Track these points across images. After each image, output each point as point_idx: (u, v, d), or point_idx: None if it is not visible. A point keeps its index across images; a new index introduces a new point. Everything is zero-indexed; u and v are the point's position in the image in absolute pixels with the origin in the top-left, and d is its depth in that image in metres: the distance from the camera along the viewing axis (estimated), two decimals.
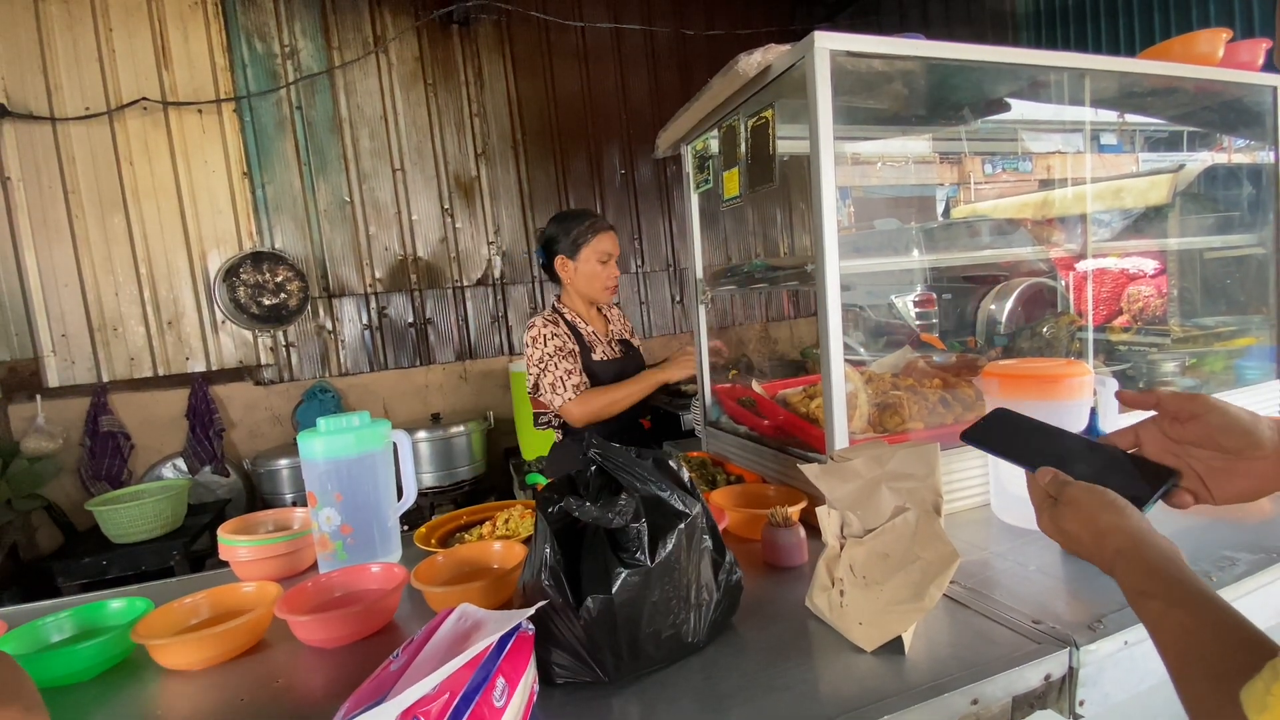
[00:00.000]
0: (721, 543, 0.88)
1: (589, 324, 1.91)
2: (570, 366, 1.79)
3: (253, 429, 3.29)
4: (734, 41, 4.01)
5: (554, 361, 1.78)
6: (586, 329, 1.89)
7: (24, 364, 2.87)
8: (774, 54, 1.16)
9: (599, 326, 1.95)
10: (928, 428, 1.26)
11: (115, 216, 2.98)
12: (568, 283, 1.90)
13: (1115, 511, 0.62)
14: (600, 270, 1.86)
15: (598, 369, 1.84)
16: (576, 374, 1.79)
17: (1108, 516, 0.62)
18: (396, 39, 3.42)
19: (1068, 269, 2.03)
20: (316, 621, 0.92)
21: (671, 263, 4.06)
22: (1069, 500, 0.65)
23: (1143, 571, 0.57)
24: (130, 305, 3.02)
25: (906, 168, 2.33)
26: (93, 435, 2.96)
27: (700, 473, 1.46)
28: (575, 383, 1.78)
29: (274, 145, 3.23)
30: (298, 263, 3.26)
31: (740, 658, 0.82)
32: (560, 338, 1.81)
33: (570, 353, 1.81)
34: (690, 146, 1.68)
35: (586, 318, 1.92)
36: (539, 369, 1.79)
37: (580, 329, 1.88)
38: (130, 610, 1.00)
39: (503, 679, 0.64)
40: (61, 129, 2.88)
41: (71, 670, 0.88)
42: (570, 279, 1.89)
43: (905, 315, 2.53)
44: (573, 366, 1.79)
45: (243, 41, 3.17)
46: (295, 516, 1.33)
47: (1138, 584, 0.57)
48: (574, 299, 1.92)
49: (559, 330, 1.82)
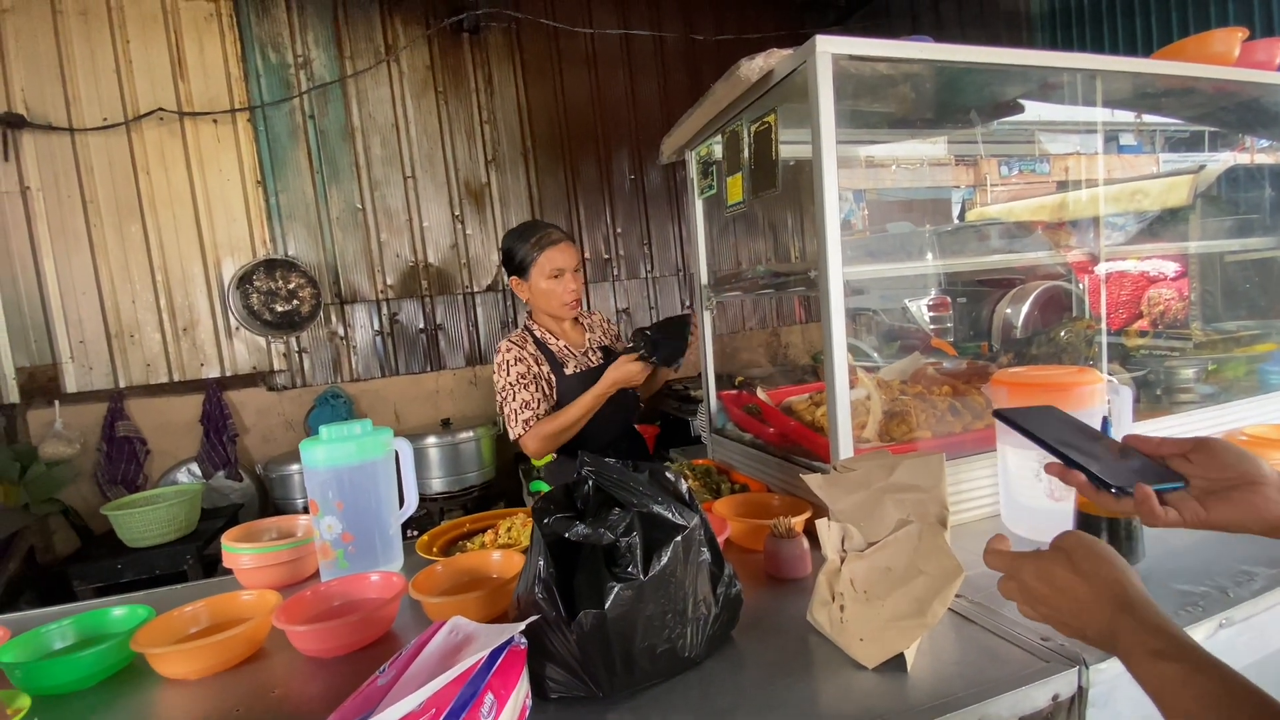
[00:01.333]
0: (720, 555, 0.86)
1: (560, 338, 1.80)
2: (527, 397, 1.69)
3: (265, 434, 3.32)
4: (743, 46, 3.99)
5: (513, 392, 1.70)
6: (558, 344, 1.79)
7: (43, 370, 2.92)
8: (776, 59, 1.15)
9: (573, 338, 1.85)
10: (936, 436, 1.24)
11: (132, 225, 3.03)
12: (527, 302, 1.81)
13: (1114, 564, 0.58)
14: (554, 286, 1.72)
15: (573, 384, 1.73)
16: (533, 404, 1.69)
17: (1107, 569, 0.57)
18: (408, 47, 3.45)
19: (1085, 272, 1.98)
20: (313, 631, 0.92)
21: (681, 267, 4.04)
22: (1057, 547, 0.61)
23: (1153, 629, 0.52)
24: (147, 312, 3.07)
25: (921, 170, 2.29)
26: (109, 440, 3.01)
27: (705, 481, 1.44)
28: (527, 417, 1.69)
29: (287, 154, 3.27)
30: (310, 270, 3.29)
31: (738, 673, 0.80)
32: (525, 362, 1.72)
33: (533, 379, 1.71)
34: (694, 152, 1.67)
35: (557, 332, 1.82)
36: (502, 397, 1.72)
37: (550, 345, 1.78)
38: (131, 618, 1.01)
39: (491, 695, 0.63)
40: (80, 139, 2.94)
41: (72, 678, 0.88)
42: (528, 299, 1.79)
43: (919, 319, 2.49)
44: (530, 397, 1.69)
45: (257, 52, 3.22)
46: (299, 524, 1.34)
47: (1150, 643, 0.52)
48: (541, 315, 1.81)
49: (525, 353, 1.73)
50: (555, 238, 1.75)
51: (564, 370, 1.76)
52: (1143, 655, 0.52)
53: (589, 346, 1.85)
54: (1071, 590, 0.58)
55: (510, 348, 1.74)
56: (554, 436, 1.67)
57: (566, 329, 1.85)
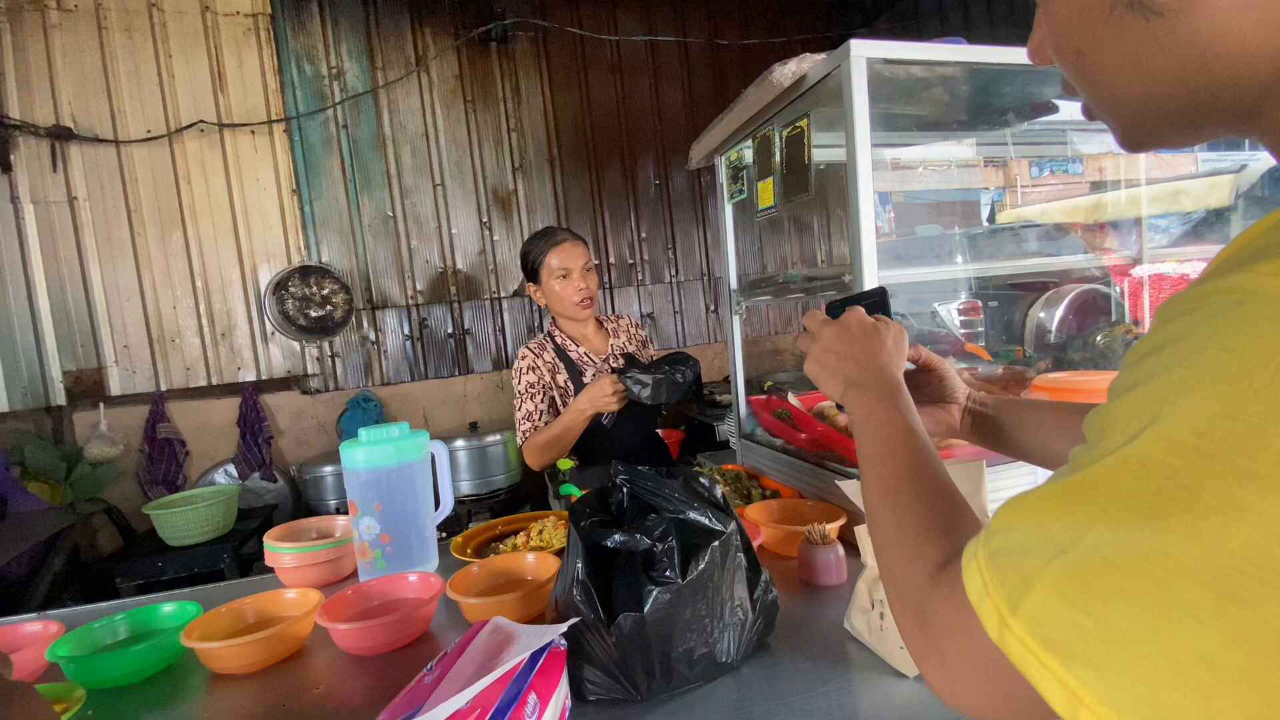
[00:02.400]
0: (756, 561, 0.86)
1: (580, 344, 1.80)
2: (531, 408, 1.72)
3: (299, 437, 3.39)
4: (768, 50, 3.99)
5: (521, 400, 1.73)
6: (578, 351, 1.78)
7: (89, 373, 3.03)
8: (809, 63, 1.15)
9: (595, 344, 1.83)
10: (972, 444, 1.22)
11: (174, 233, 3.13)
12: (546, 307, 1.82)
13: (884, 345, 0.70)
14: (563, 287, 1.73)
15: None
16: (534, 415, 1.71)
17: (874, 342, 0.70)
18: (437, 58, 3.51)
19: (1123, 275, 1.94)
20: (356, 630, 0.93)
21: (706, 271, 4.04)
22: (844, 322, 0.73)
23: (898, 390, 0.65)
24: (187, 318, 3.16)
25: (949, 172, 2.26)
26: (151, 442, 3.10)
27: (735, 486, 1.44)
28: (526, 427, 1.71)
29: (321, 163, 3.35)
30: (343, 276, 3.36)
31: (776, 679, 0.80)
32: (537, 370, 1.73)
33: (541, 389, 1.73)
34: (724, 157, 1.67)
35: (579, 337, 1.81)
36: (518, 401, 1.75)
37: (570, 353, 1.78)
38: (181, 614, 1.04)
39: (534, 695, 0.64)
40: (125, 151, 3.04)
41: (124, 672, 0.91)
42: (546, 304, 1.80)
43: (949, 324, 2.46)
44: (534, 407, 1.72)
45: (293, 64, 3.30)
46: (337, 524, 1.36)
47: (890, 395, 0.64)
48: (561, 319, 1.82)
49: (540, 361, 1.74)
50: (559, 238, 1.75)
51: (582, 378, 1.75)
52: (876, 395, 0.64)
53: (611, 353, 1.83)
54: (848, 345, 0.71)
55: (526, 355, 1.76)
56: (543, 448, 1.68)
57: (589, 334, 1.83)
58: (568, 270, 1.73)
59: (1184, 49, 0.34)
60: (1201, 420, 0.28)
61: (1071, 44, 0.41)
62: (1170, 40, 0.35)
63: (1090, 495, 0.31)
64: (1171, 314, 0.32)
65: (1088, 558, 0.30)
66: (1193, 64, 0.35)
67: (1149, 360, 0.31)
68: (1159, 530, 0.28)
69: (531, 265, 1.78)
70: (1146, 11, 0.35)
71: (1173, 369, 0.30)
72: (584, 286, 1.74)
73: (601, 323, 1.89)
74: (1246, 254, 0.30)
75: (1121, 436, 0.31)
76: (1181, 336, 0.30)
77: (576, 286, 1.73)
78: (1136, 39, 0.36)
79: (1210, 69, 0.34)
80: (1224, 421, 0.27)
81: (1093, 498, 0.31)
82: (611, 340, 1.86)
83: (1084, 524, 0.31)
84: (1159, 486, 0.28)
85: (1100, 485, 0.31)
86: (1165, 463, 0.28)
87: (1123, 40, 0.37)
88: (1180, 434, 0.28)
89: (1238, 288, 0.29)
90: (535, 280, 1.79)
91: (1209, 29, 0.33)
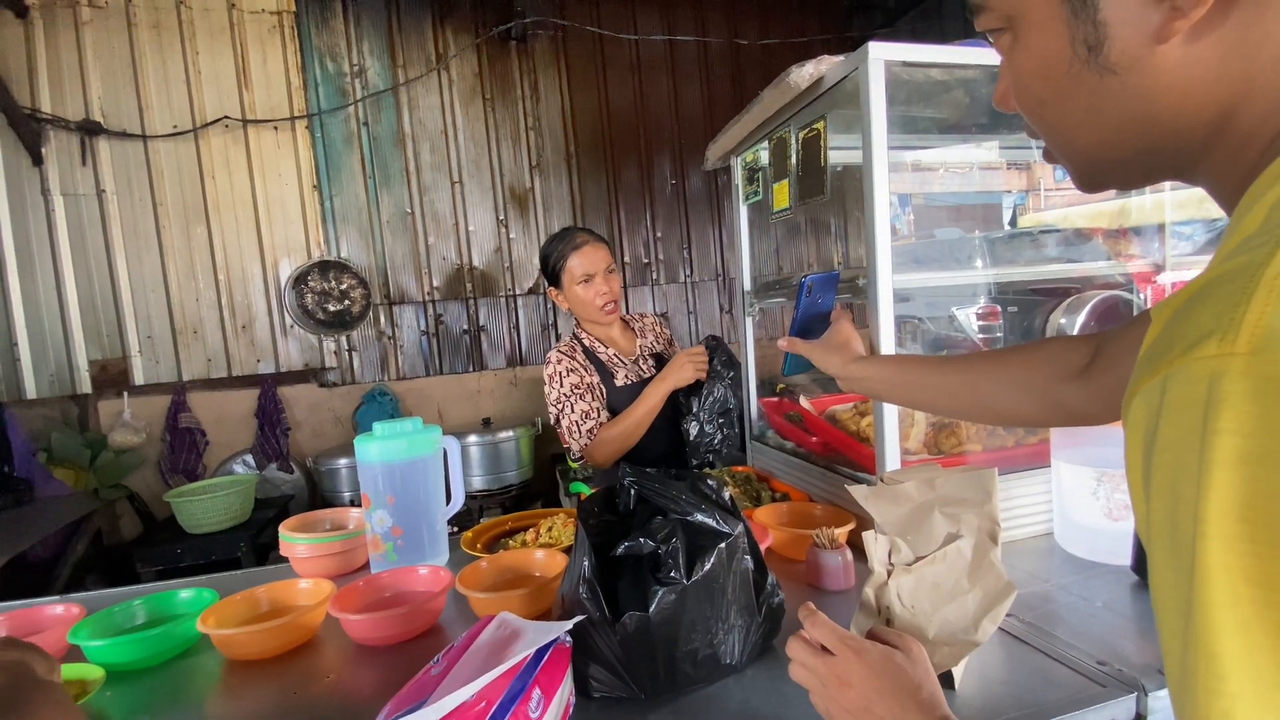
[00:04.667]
0: (764, 564, 0.86)
1: (609, 346, 1.75)
2: (586, 407, 1.64)
3: (316, 429, 3.44)
4: (788, 50, 3.97)
5: (569, 403, 1.65)
6: (607, 352, 1.73)
7: (114, 363, 3.10)
8: (827, 65, 1.15)
9: (623, 346, 1.78)
10: (986, 450, 1.21)
11: (198, 227, 3.18)
12: (569, 312, 1.78)
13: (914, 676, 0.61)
14: (586, 292, 1.67)
15: (624, 396, 1.68)
16: (594, 414, 1.64)
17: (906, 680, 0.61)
18: (457, 56, 3.54)
19: (1146, 282, 1.91)
20: (366, 621, 0.95)
21: (720, 272, 4.03)
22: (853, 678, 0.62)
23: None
24: (209, 310, 3.22)
25: (970, 175, 2.24)
26: (172, 431, 3.17)
27: (744, 488, 1.44)
28: (589, 426, 1.63)
29: (342, 159, 3.39)
30: (361, 271, 3.40)
31: (780, 682, 0.80)
32: (577, 372, 1.67)
33: (589, 388, 1.67)
34: (740, 158, 1.67)
35: (606, 339, 1.76)
36: (557, 409, 1.67)
37: (600, 355, 1.73)
38: (197, 601, 1.06)
39: (539, 690, 0.65)
40: (151, 145, 3.11)
41: (141, 656, 0.94)
42: (569, 309, 1.76)
43: (967, 328, 2.43)
44: (589, 406, 1.64)
45: (315, 62, 3.35)
46: (351, 516, 1.38)
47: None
48: (586, 322, 1.77)
49: (575, 363, 1.68)
50: (580, 241, 1.69)
51: (614, 381, 1.70)
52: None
53: (640, 354, 1.79)
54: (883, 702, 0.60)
55: (560, 358, 1.69)
56: (619, 441, 1.61)
57: (615, 336, 1.78)
58: (590, 274, 1.67)
59: (1134, 103, 0.39)
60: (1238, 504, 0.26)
61: (1034, 95, 0.44)
62: (1122, 95, 0.39)
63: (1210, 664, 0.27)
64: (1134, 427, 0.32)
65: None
66: (1141, 117, 0.39)
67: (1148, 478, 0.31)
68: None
69: (552, 269, 1.72)
70: (1102, 69, 0.39)
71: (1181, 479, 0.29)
72: (607, 290, 1.68)
73: (627, 323, 1.86)
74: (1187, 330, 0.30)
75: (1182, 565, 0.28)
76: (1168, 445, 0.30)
77: (599, 291, 1.67)
78: (1092, 93, 0.40)
79: (1157, 121, 0.38)
80: (1262, 500, 0.26)
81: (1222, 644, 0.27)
82: (639, 340, 1.82)
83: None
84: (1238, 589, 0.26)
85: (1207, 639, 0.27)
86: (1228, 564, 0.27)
87: (1079, 93, 0.41)
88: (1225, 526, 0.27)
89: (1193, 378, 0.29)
90: (556, 284, 1.73)
91: (1155, 86, 0.37)
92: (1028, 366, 0.78)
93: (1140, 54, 0.37)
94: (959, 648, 0.74)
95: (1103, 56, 0.38)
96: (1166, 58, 0.36)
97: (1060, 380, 0.74)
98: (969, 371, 0.85)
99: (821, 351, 1.04)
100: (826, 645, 0.64)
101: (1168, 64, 0.36)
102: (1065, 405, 0.75)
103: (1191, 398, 0.29)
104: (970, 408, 0.87)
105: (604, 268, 1.69)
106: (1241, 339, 0.27)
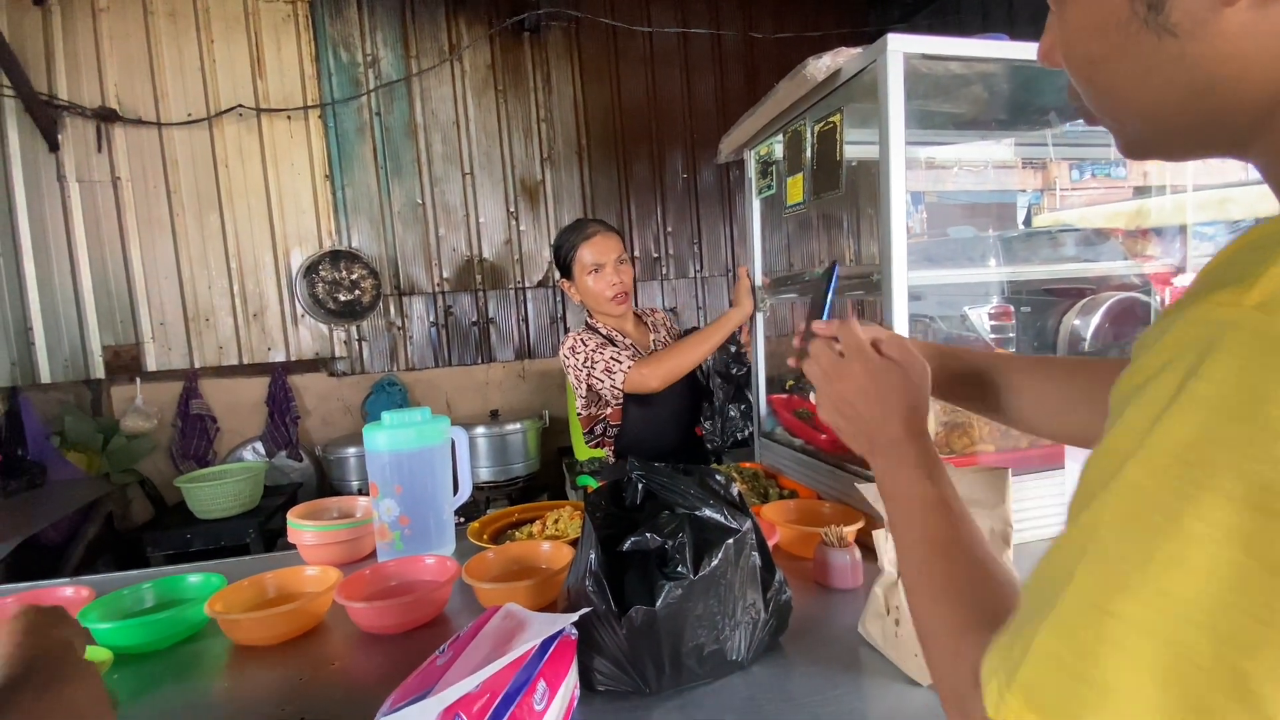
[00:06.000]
0: (771, 561, 0.86)
1: (626, 337, 1.74)
2: (613, 351, 1.64)
3: (325, 417, 3.46)
4: (803, 44, 3.93)
5: (598, 354, 1.64)
6: (624, 341, 1.73)
7: (126, 349, 3.12)
8: (844, 58, 1.13)
9: (638, 339, 1.78)
10: (999, 451, 1.19)
11: (211, 215, 3.20)
12: (582, 305, 1.77)
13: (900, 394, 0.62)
14: (596, 282, 1.66)
15: None
16: (620, 356, 1.63)
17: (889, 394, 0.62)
18: (470, 47, 3.53)
19: (1164, 284, 1.88)
20: (373, 609, 0.95)
21: (730, 267, 4.01)
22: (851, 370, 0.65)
23: (932, 459, 0.58)
24: (221, 298, 3.24)
25: (985, 172, 2.21)
26: (183, 417, 3.19)
27: (752, 485, 1.43)
28: (626, 363, 1.61)
29: (354, 149, 3.40)
30: (372, 261, 3.41)
31: (786, 680, 0.79)
32: (597, 339, 1.68)
33: (615, 343, 1.68)
34: (754, 152, 1.65)
35: (622, 331, 1.75)
36: (586, 370, 1.65)
37: (617, 341, 1.72)
38: (206, 586, 1.07)
39: (544, 682, 0.64)
40: (166, 133, 3.12)
41: (149, 639, 0.94)
42: (582, 301, 1.74)
43: (979, 328, 2.40)
44: (615, 351, 1.64)
45: (329, 51, 3.35)
46: (358, 505, 1.39)
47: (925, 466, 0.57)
48: (598, 314, 1.76)
49: (598, 337, 1.69)
50: (590, 231, 1.68)
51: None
52: (899, 461, 0.59)
53: (653, 348, 1.78)
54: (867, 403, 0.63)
55: (578, 336, 1.69)
56: (673, 362, 1.59)
57: (629, 329, 1.77)
58: (600, 264, 1.66)
59: (1192, 69, 0.36)
60: (1181, 443, 0.28)
61: (1083, 52, 0.42)
62: (1180, 60, 0.36)
63: (1079, 538, 0.31)
64: (1143, 346, 0.33)
65: (1078, 608, 0.30)
66: (1199, 85, 0.36)
67: (1135, 394, 0.32)
68: (1144, 564, 0.28)
69: (563, 260, 1.72)
70: (1160, 30, 0.36)
71: (1153, 404, 0.30)
72: (617, 281, 1.67)
73: (640, 317, 1.85)
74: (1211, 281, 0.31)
75: (1106, 476, 0.31)
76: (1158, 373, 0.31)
77: (610, 281, 1.67)
78: (1148, 55, 0.37)
79: (1214, 91, 0.36)
80: (1205, 445, 0.27)
81: (1081, 540, 0.31)
82: (652, 335, 1.82)
83: (1070, 571, 0.31)
84: (1143, 515, 0.28)
85: (1089, 526, 0.31)
86: (1146, 488, 0.29)
87: (1135, 55, 0.38)
88: (1161, 459, 0.29)
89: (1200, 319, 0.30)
90: (568, 276, 1.73)
91: (1216, 53, 0.34)
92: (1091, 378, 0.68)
93: (1204, 17, 0.34)
94: None
95: (1163, 16, 0.35)
96: (1231, 22, 0.34)
97: None
98: (1050, 379, 0.72)
99: None
100: (844, 348, 0.66)
101: (1232, 29, 0.34)
102: None
103: (1193, 338, 0.29)
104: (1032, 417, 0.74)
105: (614, 258, 1.68)
106: (1254, 292, 0.28)
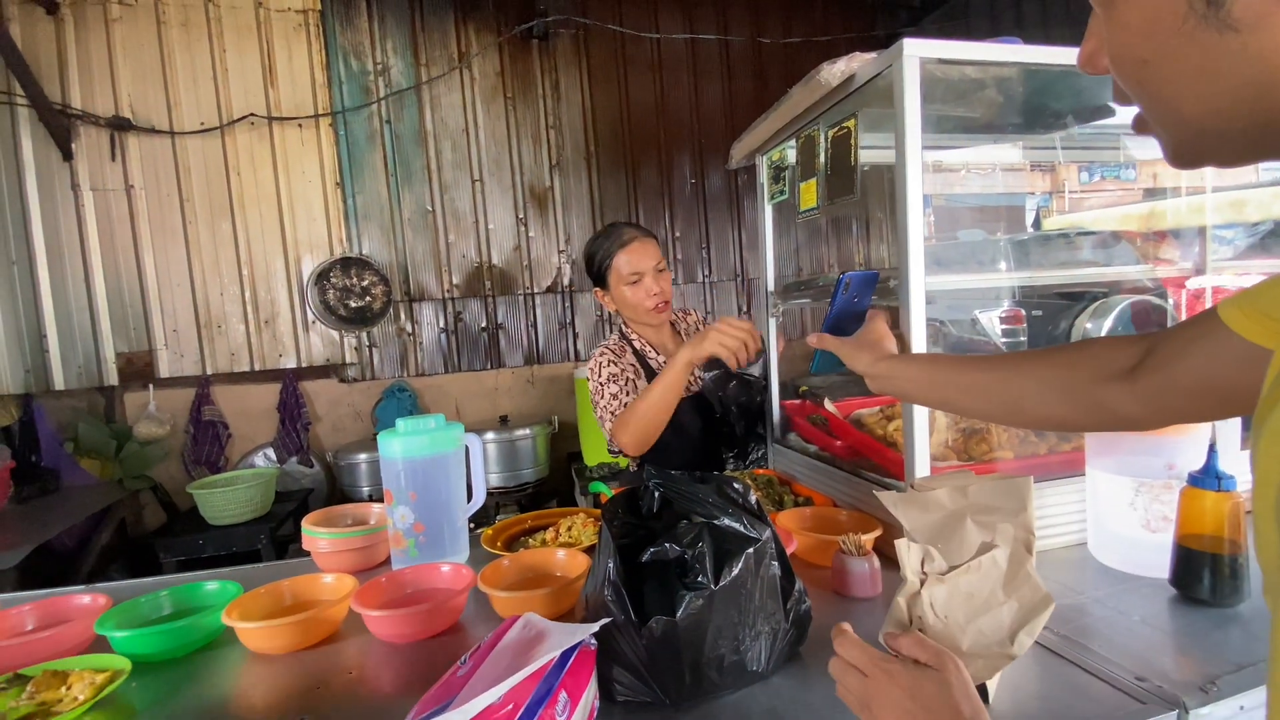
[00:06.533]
0: (791, 570, 0.85)
1: (660, 351, 1.68)
2: (615, 390, 1.58)
3: (336, 424, 3.47)
4: (811, 49, 3.93)
5: (604, 389, 1.59)
6: (657, 359, 1.67)
7: (140, 355, 3.15)
8: (858, 62, 1.13)
9: (672, 350, 1.68)
10: (1018, 457, 1.18)
11: (223, 223, 3.23)
12: (616, 313, 1.69)
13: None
14: (634, 293, 1.59)
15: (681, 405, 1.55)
16: (620, 396, 1.58)
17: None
18: (479, 55, 3.55)
19: (1178, 287, 1.86)
20: (389, 618, 0.95)
21: (739, 273, 4.01)
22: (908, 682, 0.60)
23: None
24: (233, 305, 3.26)
25: (994, 175, 2.20)
26: (196, 423, 3.21)
27: (766, 492, 1.42)
28: (614, 407, 1.56)
29: (364, 157, 3.42)
30: (382, 268, 3.43)
31: (807, 690, 0.78)
32: (619, 364, 1.62)
33: (627, 379, 1.61)
34: (766, 157, 1.65)
35: (656, 343, 1.69)
36: (596, 399, 1.61)
37: (650, 359, 1.66)
38: (222, 593, 1.07)
39: (565, 693, 0.64)
40: (179, 142, 3.15)
41: (167, 647, 0.94)
42: (616, 309, 1.67)
43: (990, 332, 2.39)
44: (618, 389, 1.58)
45: (340, 60, 3.38)
46: (372, 511, 1.39)
47: None
48: (634, 323, 1.69)
49: (622, 361, 1.63)
50: (627, 237, 1.60)
51: None
52: None
53: None
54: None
55: (604, 353, 1.64)
56: (640, 418, 1.45)
57: (665, 340, 1.71)
58: (639, 273, 1.58)
59: (1254, 65, 0.34)
60: None
61: (1136, 54, 0.39)
62: (1242, 56, 0.34)
63: None
64: None
65: None
66: (1262, 82, 0.34)
67: None
68: None
69: (597, 269, 1.64)
70: (1221, 25, 0.34)
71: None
72: (658, 290, 1.59)
73: (673, 324, 1.79)
74: None
75: None
76: None
77: (649, 290, 1.58)
78: (1206, 52, 0.35)
79: (1277, 87, 0.33)
80: None
81: None
82: None
83: None
84: None
85: None
86: None
87: (1192, 53, 0.36)
88: None
89: None
90: (602, 285, 1.65)
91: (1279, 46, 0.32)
92: (1069, 366, 0.74)
93: (1268, 9, 0.32)
94: (994, 660, 0.72)
95: (1224, 11, 0.34)
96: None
97: (1104, 381, 0.70)
98: (1003, 370, 0.81)
99: (852, 348, 1.02)
100: (859, 667, 0.63)
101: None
102: (1107, 408, 0.70)
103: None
104: (1003, 409, 0.82)
105: (653, 265, 1.60)
106: None
